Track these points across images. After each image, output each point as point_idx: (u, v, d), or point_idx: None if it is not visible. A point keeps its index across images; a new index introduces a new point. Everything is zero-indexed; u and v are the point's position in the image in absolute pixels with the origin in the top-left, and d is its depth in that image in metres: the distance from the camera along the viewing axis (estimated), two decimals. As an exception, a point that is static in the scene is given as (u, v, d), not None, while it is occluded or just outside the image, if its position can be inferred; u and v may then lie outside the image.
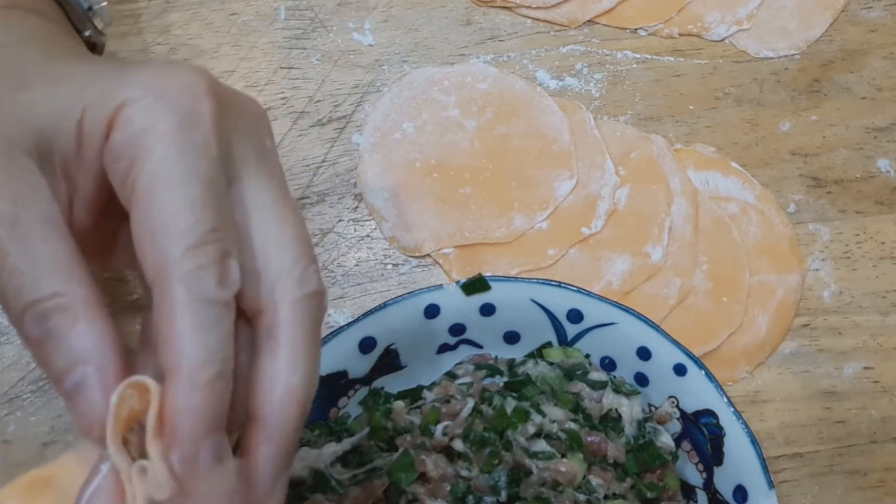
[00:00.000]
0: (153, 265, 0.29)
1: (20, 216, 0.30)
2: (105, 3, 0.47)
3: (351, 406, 0.47)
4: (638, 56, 0.57)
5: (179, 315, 0.28)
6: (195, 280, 0.29)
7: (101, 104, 0.31)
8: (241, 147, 0.33)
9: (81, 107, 0.31)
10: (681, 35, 0.58)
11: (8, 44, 0.36)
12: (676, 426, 0.47)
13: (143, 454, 0.29)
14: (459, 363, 0.48)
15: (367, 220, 0.53)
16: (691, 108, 0.56)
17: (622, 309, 0.47)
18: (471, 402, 0.44)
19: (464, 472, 0.42)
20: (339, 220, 0.53)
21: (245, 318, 0.32)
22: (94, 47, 0.47)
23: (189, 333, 0.28)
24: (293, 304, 0.31)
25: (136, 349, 0.32)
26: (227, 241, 0.30)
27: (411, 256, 0.53)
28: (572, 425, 0.44)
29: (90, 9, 0.46)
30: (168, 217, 0.29)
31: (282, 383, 0.31)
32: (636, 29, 0.58)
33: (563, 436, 0.43)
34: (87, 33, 0.46)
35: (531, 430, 0.43)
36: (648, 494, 0.44)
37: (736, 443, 0.45)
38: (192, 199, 0.29)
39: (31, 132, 0.31)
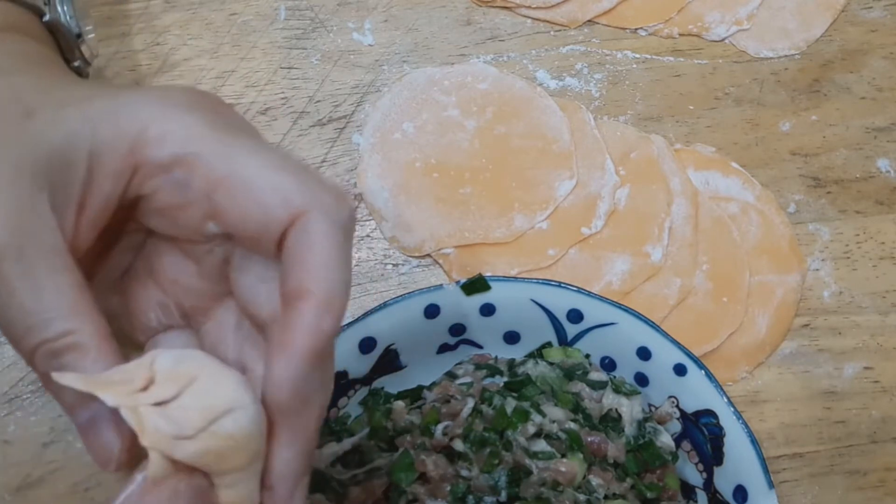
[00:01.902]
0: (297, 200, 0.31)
1: (26, 249, 0.30)
2: (92, 36, 0.47)
3: (351, 406, 0.47)
4: (638, 56, 0.57)
5: (333, 254, 0.31)
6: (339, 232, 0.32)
7: (120, 124, 0.32)
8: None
9: (91, 128, 0.32)
10: (681, 35, 0.58)
11: (8, 70, 0.36)
12: (676, 426, 0.47)
13: None
14: (459, 363, 0.48)
15: (367, 220, 0.53)
16: (691, 108, 0.56)
17: (622, 309, 0.47)
18: (471, 402, 0.44)
19: (464, 472, 0.42)
20: (339, 220, 0.53)
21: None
22: (79, 75, 0.47)
23: (335, 265, 0.31)
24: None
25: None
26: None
27: (411, 256, 0.53)
28: (572, 425, 0.44)
29: (79, 36, 0.45)
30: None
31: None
32: (636, 29, 0.58)
33: (563, 436, 0.43)
34: (75, 63, 0.46)
35: (531, 430, 0.43)
36: (648, 494, 0.44)
37: (736, 443, 0.45)
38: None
39: (39, 159, 0.32)
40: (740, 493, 0.45)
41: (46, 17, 0.43)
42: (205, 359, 0.31)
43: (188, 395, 0.29)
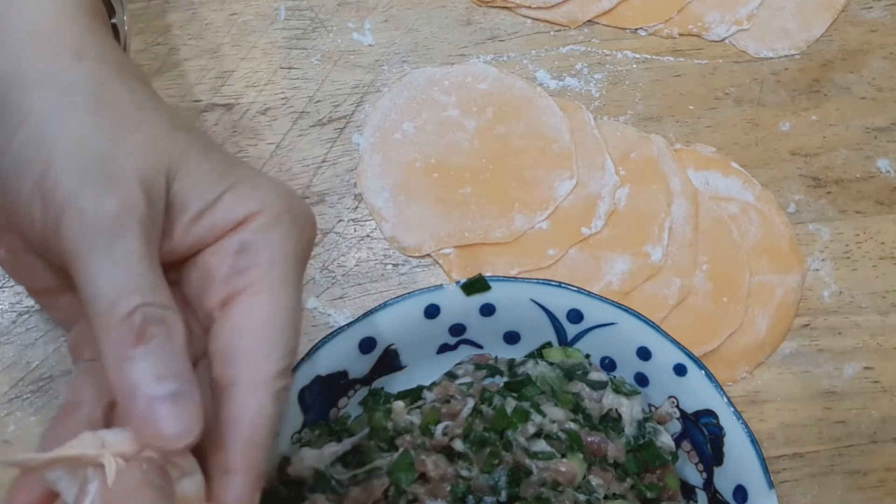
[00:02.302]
0: (249, 375, 0.32)
1: (151, 224, 0.32)
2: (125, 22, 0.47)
3: (351, 406, 0.47)
4: (638, 56, 0.57)
5: (264, 424, 0.32)
6: (281, 398, 0.33)
7: (245, 195, 0.34)
8: None
9: (224, 187, 0.34)
10: (681, 35, 0.58)
11: (133, 74, 0.36)
12: (676, 426, 0.46)
13: None
14: (459, 363, 0.48)
15: (367, 220, 0.53)
16: (691, 108, 0.56)
17: (622, 309, 0.47)
18: (471, 402, 0.44)
19: (464, 472, 0.42)
20: (339, 220, 0.53)
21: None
22: (116, 34, 0.47)
23: (264, 444, 0.32)
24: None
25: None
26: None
27: (411, 256, 0.53)
28: (572, 425, 0.44)
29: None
30: (278, 339, 0.33)
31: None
32: (636, 29, 0.58)
33: (563, 436, 0.43)
34: (113, 20, 0.46)
35: (531, 430, 0.43)
36: (648, 494, 0.44)
37: (736, 443, 0.45)
38: (296, 328, 0.34)
39: (171, 174, 0.33)
40: (740, 493, 0.45)
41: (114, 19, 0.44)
42: None
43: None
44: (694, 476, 0.47)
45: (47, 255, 0.33)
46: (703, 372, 0.46)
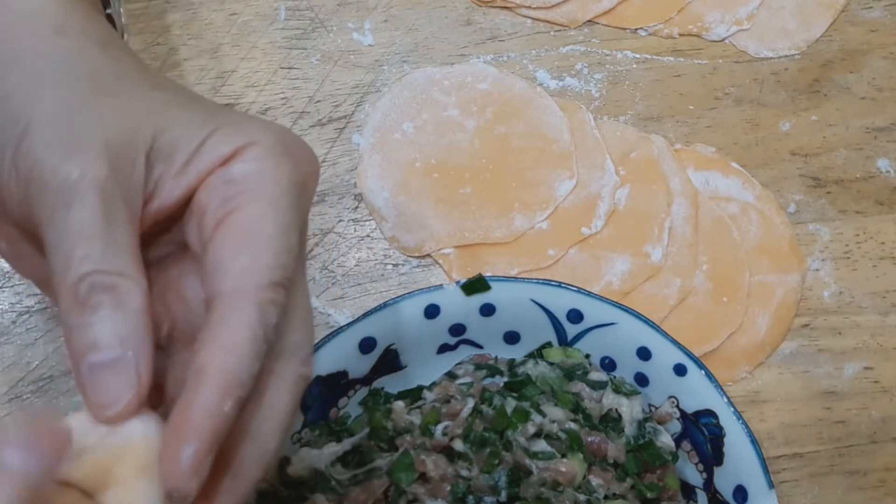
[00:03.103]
0: (233, 281, 0.30)
1: (122, 189, 0.31)
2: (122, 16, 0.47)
3: (351, 406, 0.47)
4: (638, 56, 0.57)
5: (243, 330, 0.30)
6: (267, 311, 0.30)
7: (230, 134, 0.33)
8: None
9: (208, 131, 0.33)
10: (681, 35, 0.58)
11: (107, 44, 0.36)
12: (676, 426, 0.47)
13: None
14: (459, 363, 0.48)
15: (367, 220, 0.53)
16: (691, 108, 0.56)
17: (622, 309, 0.47)
18: (471, 402, 0.44)
19: (464, 472, 0.42)
20: (339, 220, 0.53)
21: None
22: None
23: (243, 351, 0.30)
24: (291, 376, 0.32)
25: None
26: (286, 301, 0.32)
27: (411, 256, 0.53)
28: (572, 425, 0.44)
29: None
30: (266, 248, 0.31)
31: (259, 444, 0.31)
32: (636, 29, 0.58)
33: (563, 436, 0.43)
34: (108, 11, 0.46)
35: (531, 430, 0.43)
36: (648, 494, 0.44)
37: (736, 443, 0.45)
38: (288, 247, 0.32)
39: (149, 134, 0.33)
40: (740, 493, 0.45)
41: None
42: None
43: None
44: (694, 476, 0.47)
45: (30, 230, 0.33)
46: (703, 372, 0.46)
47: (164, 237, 0.34)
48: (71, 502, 0.28)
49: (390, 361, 0.47)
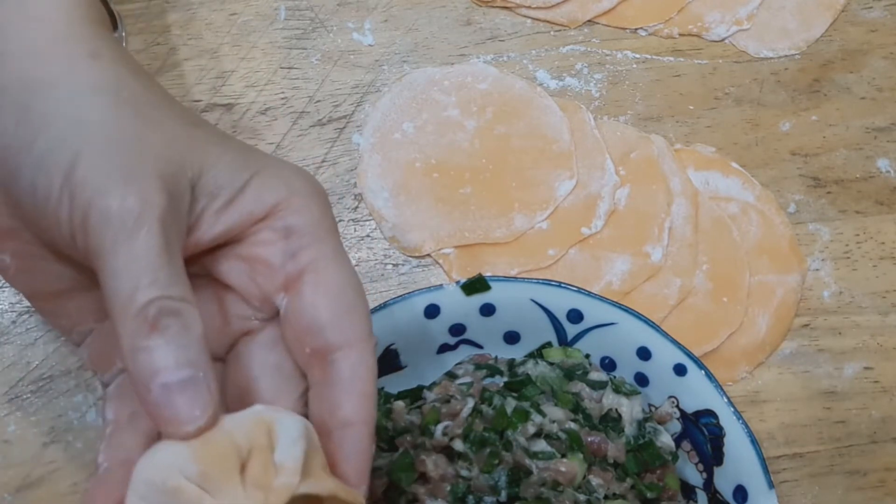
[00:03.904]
0: (349, 337, 0.35)
1: (174, 220, 0.33)
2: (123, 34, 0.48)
3: (351, 406, 0.47)
4: (638, 56, 0.57)
5: (370, 379, 0.35)
6: (373, 357, 0.35)
7: (271, 180, 0.35)
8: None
9: (249, 174, 0.35)
10: (681, 35, 0.58)
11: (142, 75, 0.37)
12: (676, 426, 0.46)
13: None
14: (459, 363, 0.48)
15: (367, 220, 0.53)
16: (691, 108, 0.56)
17: (622, 309, 0.47)
18: (471, 402, 0.44)
19: (464, 472, 0.42)
20: (339, 220, 0.53)
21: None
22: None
23: (374, 394, 0.35)
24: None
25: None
26: None
27: (411, 256, 0.53)
28: (572, 425, 0.44)
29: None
30: (356, 301, 0.35)
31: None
32: (636, 29, 0.58)
33: (563, 436, 0.43)
34: (115, 34, 0.47)
35: (531, 430, 0.43)
36: (648, 494, 0.44)
37: (736, 443, 0.45)
38: (362, 292, 0.36)
39: (196, 168, 0.34)
40: (740, 493, 0.45)
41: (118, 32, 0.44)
42: (264, 410, 0.33)
43: (279, 452, 0.31)
44: (694, 476, 0.47)
45: (73, 252, 0.34)
46: (703, 372, 0.46)
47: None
48: None
49: (390, 361, 0.47)
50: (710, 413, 0.45)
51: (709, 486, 0.46)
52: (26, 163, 0.33)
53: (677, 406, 0.46)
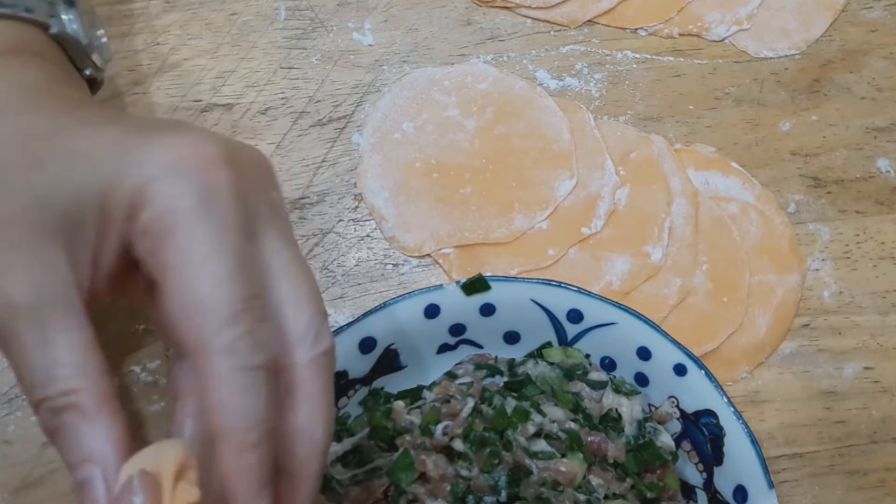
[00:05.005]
0: (192, 340, 0.31)
1: (42, 308, 0.31)
2: (105, 40, 0.46)
3: (351, 406, 0.47)
4: (638, 56, 0.57)
5: (223, 385, 0.30)
6: (234, 351, 0.31)
7: (122, 185, 0.32)
8: (255, 206, 0.34)
9: (99, 187, 0.32)
10: (681, 35, 0.58)
11: (10, 108, 0.35)
12: (676, 426, 0.47)
13: None
14: (459, 363, 0.48)
15: (367, 220, 0.53)
16: (691, 108, 0.56)
17: (622, 309, 0.47)
18: (471, 402, 0.44)
19: (464, 472, 0.42)
20: (339, 220, 0.53)
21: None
22: (94, 82, 0.46)
23: (233, 401, 0.30)
24: (311, 363, 0.33)
25: (171, 400, 0.34)
26: (260, 306, 0.32)
27: (411, 256, 0.53)
28: (572, 425, 0.44)
29: (89, 45, 0.44)
30: (202, 294, 0.31)
31: (307, 439, 0.32)
32: (636, 29, 0.58)
33: (563, 436, 0.43)
34: (87, 72, 0.45)
35: (531, 430, 0.43)
36: (648, 494, 0.44)
37: (736, 443, 0.45)
38: (222, 274, 0.31)
39: (53, 215, 0.32)
40: (740, 493, 0.45)
41: (53, 30, 0.42)
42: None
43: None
44: (694, 476, 0.47)
45: None
46: (703, 372, 0.46)
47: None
48: None
49: (390, 361, 0.47)
50: (710, 413, 0.45)
51: (709, 486, 0.46)
52: None
53: (677, 406, 0.46)
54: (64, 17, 0.43)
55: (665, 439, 0.46)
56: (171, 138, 0.33)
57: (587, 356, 0.48)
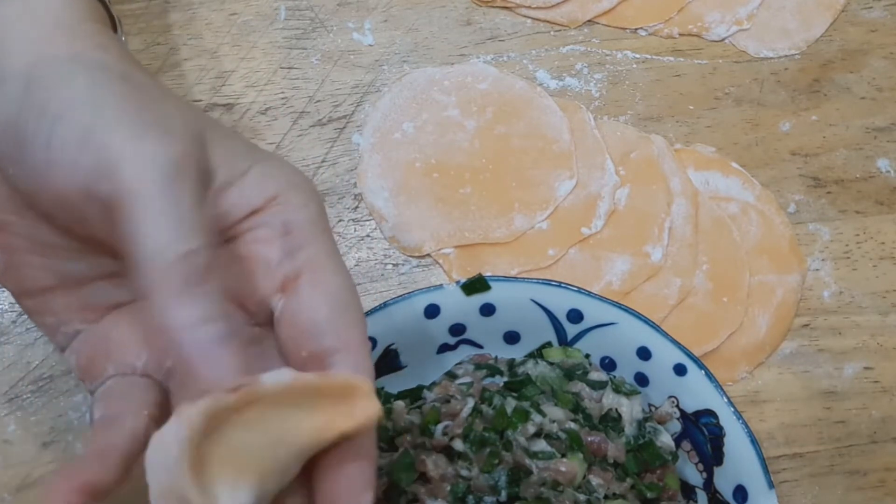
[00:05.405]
0: (340, 339, 0.34)
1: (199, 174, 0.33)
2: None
3: (351, 406, 0.47)
4: (638, 56, 0.57)
5: (372, 376, 0.34)
6: (370, 360, 0.35)
7: (270, 171, 0.35)
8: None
9: (248, 163, 0.35)
10: (681, 35, 0.58)
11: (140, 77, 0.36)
12: (676, 426, 0.46)
13: None
14: (459, 363, 0.48)
15: (367, 220, 0.53)
16: (691, 108, 0.56)
17: (622, 309, 0.47)
18: (471, 402, 0.44)
19: (464, 472, 0.42)
20: (339, 220, 0.53)
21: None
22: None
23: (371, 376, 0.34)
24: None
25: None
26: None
27: (411, 256, 0.53)
28: (572, 425, 0.44)
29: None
30: (352, 298, 0.35)
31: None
32: (636, 29, 0.58)
33: (563, 436, 0.43)
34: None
35: (531, 430, 0.43)
36: (648, 494, 0.44)
37: (736, 443, 0.45)
38: (356, 290, 0.35)
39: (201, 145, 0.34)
40: (740, 493, 0.45)
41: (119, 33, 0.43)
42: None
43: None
44: (694, 476, 0.47)
45: (76, 215, 0.33)
46: (703, 372, 0.46)
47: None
48: None
49: (390, 361, 0.47)
50: (710, 413, 0.45)
51: (709, 486, 0.46)
52: (40, 125, 0.33)
53: (677, 406, 0.46)
54: None
55: (665, 439, 0.46)
56: (281, 160, 0.37)
57: (587, 356, 0.48)
